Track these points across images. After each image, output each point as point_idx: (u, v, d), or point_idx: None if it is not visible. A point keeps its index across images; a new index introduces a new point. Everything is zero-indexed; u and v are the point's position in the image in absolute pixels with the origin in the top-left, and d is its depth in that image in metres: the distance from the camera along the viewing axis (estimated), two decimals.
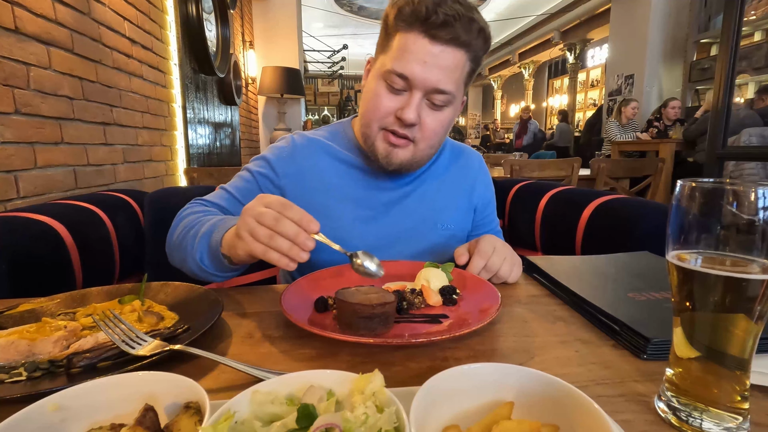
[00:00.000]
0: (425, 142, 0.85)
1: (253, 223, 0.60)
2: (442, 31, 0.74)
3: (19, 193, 1.28)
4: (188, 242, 0.75)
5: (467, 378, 0.37)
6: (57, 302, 0.66)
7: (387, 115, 0.82)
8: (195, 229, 0.76)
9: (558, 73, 11.98)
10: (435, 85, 0.78)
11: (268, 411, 0.33)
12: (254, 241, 0.60)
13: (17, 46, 1.28)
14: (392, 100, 0.81)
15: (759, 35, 5.29)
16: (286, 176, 0.92)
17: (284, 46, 5.10)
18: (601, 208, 1.25)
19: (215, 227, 0.73)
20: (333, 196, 0.92)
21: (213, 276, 0.75)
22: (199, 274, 0.75)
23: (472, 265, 0.77)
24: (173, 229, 0.83)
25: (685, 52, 5.86)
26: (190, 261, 0.75)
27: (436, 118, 0.82)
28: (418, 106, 0.79)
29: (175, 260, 0.82)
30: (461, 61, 0.79)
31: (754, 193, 0.35)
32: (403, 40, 0.77)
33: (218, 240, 0.69)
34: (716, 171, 2.10)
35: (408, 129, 0.82)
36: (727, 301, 0.37)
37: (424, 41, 0.76)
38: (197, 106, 2.95)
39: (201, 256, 0.72)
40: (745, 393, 0.38)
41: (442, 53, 0.76)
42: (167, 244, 0.84)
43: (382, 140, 0.85)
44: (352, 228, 0.91)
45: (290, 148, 0.95)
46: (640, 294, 0.65)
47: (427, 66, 0.76)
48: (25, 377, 0.47)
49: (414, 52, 0.76)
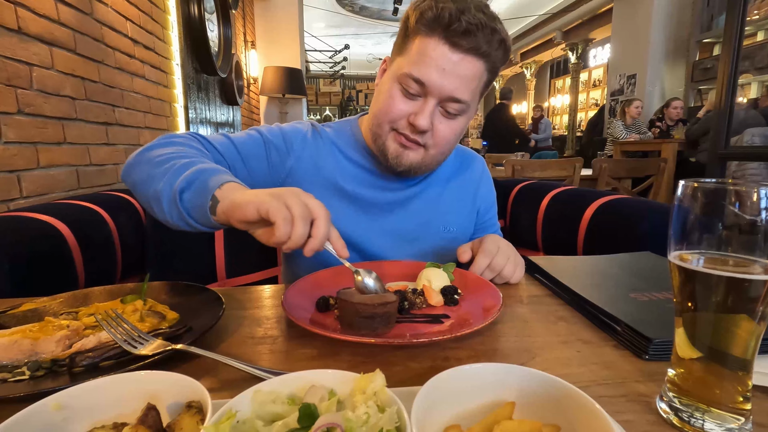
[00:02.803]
0: (436, 149, 0.84)
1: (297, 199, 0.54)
2: (463, 40, 0.73)
3: (21, 192, 1.28)
4: (173, 167, 0.66)
5: (468, 378, 0.37)
6: (59, 302, 0.66)
7: (399, 118, 0.81)
8: (187, 161, 0.68)
9: (560, 73, 11.94)
10: (451, 93, 0.76)
11: (270, 410, 0.34)
12: (284, 207, 0.53)
13: (20, 47, 1.28)
14: (406, 104, 0.80)
15: (762, 35, 5.27)
16: (299, 159, 0.91)
17: (286, 46, 5.10)
18: (603, 208, 1.24)
19: (217, 172, 0.65)
20: (338, 194, 0.92)
21: (179, 213, 0.65)
22: (164, 202, 0.65)
23: (476, 264, 0.77)
24: (155, 145, 0.74)
25: (688, 51, 5.84)
26: (162, 183, 0.65)
27: (449, 126, 0.81)
28: (431, 113, 0.78)
29: (133, 173, 0.72)
30: (479, 71, 0.77)
31: (757, 194, 0.35)
32: (422, 45, 0.76)
33: (216, 183, 0.62)
34: (719, 171, 2.09)
35: (419, 135, 0.81)
36: (730, 302, 0.37)
37: (444, 48, 0.74)
38: (199, 106, 2.95)
39: (183, 187, 0.64)
40: (747, 394, 0.38)
41: (461, 62, 0.75)
42: (136, 153, 0.74)
43: (393, 140, 0.84)
44: (355, 227, 0.91)
45: (309, 136, 0.94)
46: (642, 294, 0.65)
47: (445, 73, 0.75)
48: (28, 376, 0.47)
49: (433, 58, 0.75)
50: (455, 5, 0.73)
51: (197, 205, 0.63)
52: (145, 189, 0.69)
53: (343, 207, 0.91)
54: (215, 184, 0.62)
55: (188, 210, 0.64)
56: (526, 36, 10.30)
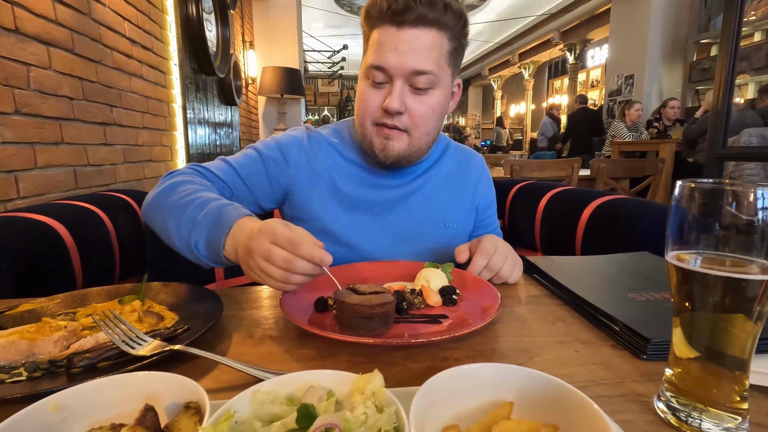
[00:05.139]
0: (418, 130, 0.84)
1: (265, 264, 0.59)
2: (405, 15, 0.76)
3: (19, 193, 1.28)
4: (183, 220, 0.71)
5: (467, 378, 0.37)
6: (57, 302, 0.66)
7: (375, 110, 0.83)
8: (192, 208, 0.71)
9: (558, 74, 11.97)
10: (413, 67, 0.78)
11: (268, 411, 0.34)
12: (269, 279, 0.60)
13: (17, 47, 1.28)
14: (377, 94, 0.82)
15: (759, 35, 5.28)
16: (298, 166, 0.92)
17: (284, 46, 5.10)
18: (601, 208, 1.25)
19: (219, 220, 0.68)
20: (337, 195, 0.92)
21: (204, 263, 0.71)
22: (187, 254, 0.72)
23: (473, 264, 0.77)
24: (165, 191, 0.78)
25: (685, 52, 5.86)
26: (179, 239, 0.71)
27: (424, 102, 0.82)
28: (400, 94, 0.80)
29: (153, 221, 0.77)
30: (436, 39, 0.79)
31: (754, 194, 0.35)
32: (375, 36, 0.80)
33: (221, 239, 0.66)
34: (716, 171, 2.09)
35: (397, 119, 0.82)
36: (727, 302, 0.37)
37: (392, 30, 0.78)
38: (197, 107, 2.95)
39: (197, 243, 0.69)
40: (744, 393, 0.38)
41: (412, 36, 0.77)
42: (150, 199, 0.79)
43: (377, 135, 0.85)
44: (356, 227, 0.92)
45: (305, 141, 0.95)
46: (640, 294, 0.65)
47: (399, 52, 0.77)
48: (26, 377, 0.47)
49: (385, 43, 0.78)
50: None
51: (217, 260, 0.70)
52: (167, 237, 0.75)
53: (342, 208, 0.92)
54: (218, 241, 0.67)
55: (214, 261, 0.71)
56: (524, 36, 10.32)
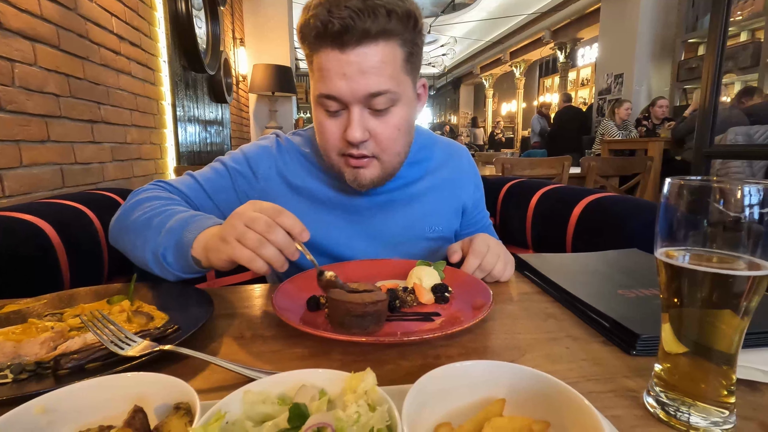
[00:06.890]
0: (387, 153, 0.78)
1: (242, 227, 0.58)
2: (345, 36, 0.67)
3: (4, 192, 1.25)
4: (149, 232, 0.70)
5: (459, 375, 0.37)
6: (44, 303, 0.64)
7: (337, 141, 0.76)
8: (159, 219, 0.71)
9: (549, 72, 12.05)
10: (366, 91, 0.70)
11: (260, 411, 0.33)
12: (242, 247, 0.58)
13: (1, 42, 1.25)
14: (335, 124, 0.75)
15: (745, 35, 5.36)
16: (268, 179, 0.89)
17: (275, 43, 5.07)
18: (591, 206, 1.26)
19: (186, 225, 0.68)
20: (315, 202, 0.89)
21: (171, 274, 0.70)
22: (154, 267, 0.70)
23: (466, 264, 0.77)
24: (128, 210, 0.77)
25: (674, 51, 5.93)
26: (146, 251, 0.69)
27: (387, 123, 0.75)
28: (360, 121, 0.73)
29: (120, 242, 0.76)
30: (386, 53, 0.70)
31: (740, 191, 0.35)
32: (318, 62, 0.72)
33: (190, 241, 0.66)
34: (703, 169, 2.12)
35: (363, 147, 0.75)
36: (714, 297, 0.37)
37: (335, 53, 0.69)
38: (187, 104, 2.92)
39: (164, 252, 0.68)
40: (731, 387, 0.39)
41: (358, 57, 0.68)
42: (115, 221, 0.78)
43: (345, 165, 0.79)
44: (338, 235, 0.89)
45: (274, 150, 0.91)
46: (630, 291, 0.66)
47: (348, 77, 0.69)
48: (11, 379, 0.46)
49: (330, 69, 0.70)
50: (322, 6, 0.67)
51: (185, 267, 0.69)
52: (135, 256, 0.73)
53: (321, 216, 0.88)
54: (187, 243, 0.66)
55: (183, 269, 0.70)
56: (515, 35, 10.38)
